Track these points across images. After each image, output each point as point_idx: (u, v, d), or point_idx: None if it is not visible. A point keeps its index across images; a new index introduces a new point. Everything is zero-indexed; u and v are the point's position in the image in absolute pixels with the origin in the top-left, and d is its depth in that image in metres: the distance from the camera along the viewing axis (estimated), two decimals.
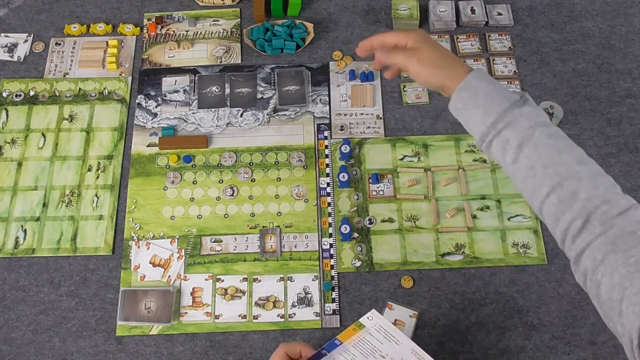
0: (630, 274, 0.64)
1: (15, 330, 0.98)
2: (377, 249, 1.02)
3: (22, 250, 1.04)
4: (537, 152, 0.73)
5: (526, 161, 0.74)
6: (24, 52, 1.21)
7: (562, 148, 0.74)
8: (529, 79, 1.15)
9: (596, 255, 0.68)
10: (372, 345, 0.77)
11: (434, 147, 1.09)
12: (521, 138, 0.74)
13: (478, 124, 0.78)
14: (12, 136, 1.13)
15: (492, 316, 0.97)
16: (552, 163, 0.72)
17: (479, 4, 1.21)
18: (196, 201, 1.07)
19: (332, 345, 0.77)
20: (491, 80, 0.80)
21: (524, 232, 1.02)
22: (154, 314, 0.97)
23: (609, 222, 0.68)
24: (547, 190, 0.72)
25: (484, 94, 0.78)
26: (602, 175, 0.73)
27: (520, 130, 0.75)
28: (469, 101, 0.79)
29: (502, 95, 0.77)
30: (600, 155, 1.08)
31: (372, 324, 0.77)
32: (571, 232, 0.71)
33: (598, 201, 0.69)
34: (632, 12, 1.22)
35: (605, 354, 0.94)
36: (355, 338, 0.77)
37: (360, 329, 0.77)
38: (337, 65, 1.17)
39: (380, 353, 0.76)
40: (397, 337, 0.77)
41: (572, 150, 0.74)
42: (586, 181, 0.71)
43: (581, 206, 0.70)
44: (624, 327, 0.64)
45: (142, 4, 1.26)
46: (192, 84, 1.17)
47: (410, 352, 0.76)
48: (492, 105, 0.77)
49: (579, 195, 0.70)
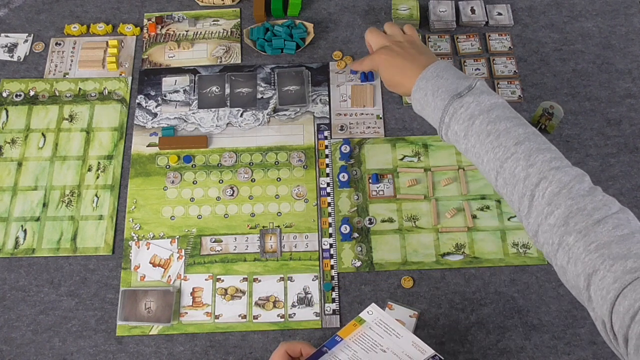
0: (593, 260, 0.65)
1: (15, 330, 0.98)
2: (377, 249, 1.02)
3: (22, 250, 1.04)
4: (479, 141, 0.77)
5: (473, 150, 0.79)
6: (24, 52, 1.21)
7: (502, 131, 0.76)
8: (529, 79, 1.15)
9: (553, 239, 0.69)
10: (373, 339, 0.77)
11: (434, 147, 1.09)
12: (465, 129, 0.79)
13: (433, 121, 0.85)
14: (12, 136, 1.13)
15: (492, 316, 0.97)
16: (492, 148, 0.76)
17: (479, 4, 1.21)
18: (196, 201, 1.07)
19: (332, 342, 0.77)
20: (440, 75, 0.85)
21: (524, 232, 1.02)
22: (154, 314, 0.97)
23: (555, 201, 0.69)
24: (494, 175, 0.76)
25: (431, 92, 0.84)
26: (539, 151, 0.73)
27: (462, 121, 0.79)
28: (422, 102, 0.86)
29: (446, 89, 0.82)
30: (600, 155, 1.08)
31: (372, 318, 0.77)
32: (522, 211, 0.73)
33: (535, 179, 0.71)
34: (632, 12, 1.22)
35: (605, 354, 0.94)
36: (356, 333, 0.77)
37: (360, 324, 0.77)
38: (337, 65, 1.17)
39: (381, 347, 0.76)
40: (398, 331, 0.77)
41: (511, 132, 0.76)
42: (522, 161, 0.73)
43: (522, 186, 0.72)
44: (594, 311, 0.66)
45: (142, 4, 1.26)
46: (192, 84, 1.17)
47: (411, 345, 0.76)
48: (437, 100, 0.83)
49: (519, 175, 0.73)
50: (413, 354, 0.76)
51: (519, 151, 0.74)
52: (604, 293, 0.64)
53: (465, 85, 0.81)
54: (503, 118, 0.77)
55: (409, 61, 0.90)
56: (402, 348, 0.76)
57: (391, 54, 0.92)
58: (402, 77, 0.90)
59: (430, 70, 0.86)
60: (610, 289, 0.63)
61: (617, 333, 0.62)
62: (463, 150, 0.82)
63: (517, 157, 0.74)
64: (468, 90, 0.81)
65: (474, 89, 0.81)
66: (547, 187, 0.70)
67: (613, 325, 0.63)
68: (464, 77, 0.84)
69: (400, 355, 0.76)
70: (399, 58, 0.91)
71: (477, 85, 0.81)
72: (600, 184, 1.05)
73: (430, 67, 0.86)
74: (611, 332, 0.63)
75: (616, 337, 0.63)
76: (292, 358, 0.79)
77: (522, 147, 0.74)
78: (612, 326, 0.63)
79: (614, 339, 0.63)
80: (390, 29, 0.99)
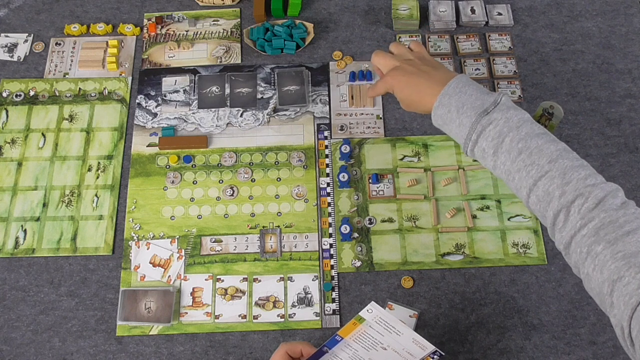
0: (619, 267, 0.66)
1: (15, 330, 0.98)
2: (377, 249, 1.02)
3: (22, 250, 1.04)
4: (510, 159, 0.77)
5: (503, 167, 0.78)
6: (24, 52, 1.21)
7: (534, 149, 0.76)
8: (529, 79, 1.15)
9: (582, 248, 0.70)
10: (373, 338, 0.77)
11: (434, 147, 1.09)
12: (494, 147, 0.78)
13: (457, 137, 0.83)
14: (12, 136, 1.13)
15: (492, 316, 0.97)
16: (524, 166, 0.76)
17: (479, 4, 1.21)
18: (196, 201, 1.07)
19: (333, 342, 0.77)
20: (463, 91, 0.83)
21: (524, 232, 1.02)
22: (154, 314, 0.97)
23: (588, 216, 0.70)
24: (527, 192, 0.76)
25: (455, 109, 0.82)
26: (574, 168, 0.74)
27: (491, 139, 0.78)
28: (445, 118, 0.84)
29: (471, 105, 0.81)
30: (600, 155, 1.08)
31: (372, 317, 0.77)
32: (556, 226, 0.74)
33: (571, 196, 0.72)
34: (632, 12, 1.22)
35: (605, 354, 0.94)
36: (356, 332, 0.77)
37: (360, 322, 0.77)
38: (337, 65, 1.17)
39: (381, 345, 0.76)
40: (398, 328, 0.76)
41: (543, 150, 0.76)
42: (558, 179, 0.73)
43: (558, 203, 0.73)
44: (615, 317, 0.66)
45: (142, 4, 1.26)
46: (192, 84, 1.17)
47: (412, 342, 0.76)
48: (463, 117, 0.81)
49: (554, 193, 0.73)
50: (414, 351, 0.76)
51: (553, 169, 0.74)
52: (627, 299, 0.64)
53: (490, 101, 0.80)
54: (533, 135, 0.77)
55: (425, 78, 0.88)
56: (402, 345, 0.76)
57: (404, 74, 0.90)
58: (421, 96, 0.87)
59: (452, 86, 0.84)
60: (633, 295, 0.63)
61: (635, 339, 0.62)
62: (491, 167, 0.81)
63: (551, 176, 0.74)
64: (494, 106, 0.79)
65: (500, 105, 0.80)
66: (584, 204, 0.71)
67: (632, 330, 0.63)
68: (488, 92, 0.83)
69: (400, 352, 0.76)
70: (413, 77, 0.89)
71: (502, 101, 0.80)
72: None
73: (451, 83, 0.84)
74: (629, 338, 0.64)
75: (633, 343, 0.63)
76: (292, 358, 0.79)
77: (557, 165, 0.74)
78: (631, 332, 0.63)
79: (631, 345, 0.64)
80: (396, 48, 0.96)
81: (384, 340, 0.76)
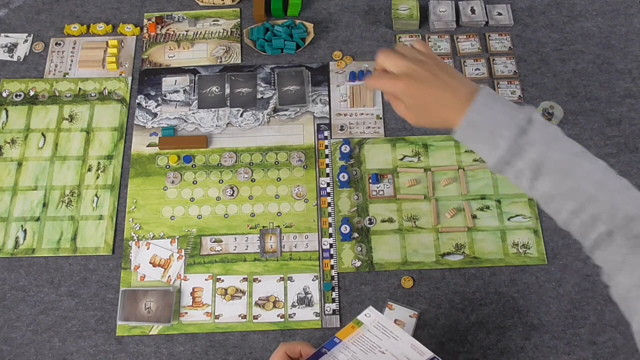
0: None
1: (15, 330, 0.98)
2: (377, 249, 1.02)
3: (22, 250, 1.04)
4: (551, 181, 0.72)
5: (542, 189, 0.73)
6: (24, 52, 1.21)
7: (577, 172, 0.72)
8: (529, 79, 1.15)
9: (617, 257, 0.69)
10: (372, 341, 0.77)
11: (434, 147, 1.09)
12: (533, 168, 0.72)
13: (487, 156, 0.76)
14: (12, 136, 1.13)
15: (492, 316, 0.97)
16: (568, 191, 0.72)
17: (479, 4, 1.21)
18: (196, 201, 1.07)
19: (331, 344, 0.78)
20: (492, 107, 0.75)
21: (524, 232, 1.02)
22: (154, 314, 0.97)
23: (633, 239, 0.69)
24: (568, 214, 0.72)
25: (488, 129, 0.74)
26: (620, 191, 0.72)
27: (530, 160, 0.72)
28: (473, 137, 0.76)
29: (506, 125, 0.73)
30: (600, 155, 1.07)
31: (369, 321, 0.77)
32: (599, 247, 0.71)
33: (620, 220, 0.70)
34: (632, 12, 1.22)
35: (605, 354, 0.94)
36: (354, 335, 0.77)
37: (358, 326, 0.77)
38: (337, 65, 1.17)
39: (379, 349, 0.76)
40: (396, 333, 0.77)
41: (587, 172, 0.73)
42: (605, 204, 0.71)
43: (604, 226, 0.70)
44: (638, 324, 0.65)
45: (142, 4, 1.26)
46: (192, 84, 1.17)
47: (410, 347, 0.76)
48: (497, 138, 0.73)
49: (601, 217, 0.70)
50: (412, 356, 0.76)
51: (600, 193, 0.71)
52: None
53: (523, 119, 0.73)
54: (573, 154, 0.74)
55: (444, 89, 0.77)
56: (400, 350, 0.76)
57: (419, 79, 0.78)
58: (439, 108, 0.77)
59: (479, 101, 0.75)
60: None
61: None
62: (526, 187, 0.75)
63: (597, 199, 0.71)
64: (529, 124, 0.73)
65: (535, 123, 0.73)
66: (634, 228, 0.69)
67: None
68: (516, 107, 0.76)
69: (399, 356, 0.76)
70: (430, 85, 0.77)
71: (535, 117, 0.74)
72: None
73: (478, 99, 0.75)
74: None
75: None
76: (291, 359, 0.79)
77: (603, 189, 0.72)
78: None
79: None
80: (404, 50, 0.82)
81: (382, 344, 0.77)
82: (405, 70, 0.79)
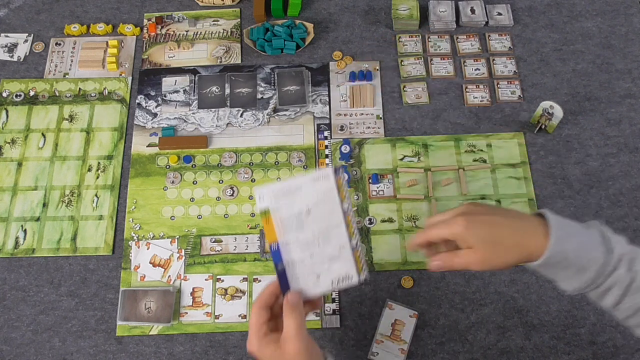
0: None
1: (15, 330, 0.98)
2: (377, 249, 1.02)
3: (22, 250, 1.04)
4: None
5: (631, 304, 0.71)
6: (24, 52, 1.21)
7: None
8: (529, 79, 1.15)
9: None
10: (291, 214, 0.74)
11: (434, 147, 1.09)
12: (624, 287, 0.70)
13: (570, 280, 0.71)
14: (12, 136, 1.13)
15: (492, 316, 0.97)
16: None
17: (479, 4, 1.21)
18: (196, 201, 1.07)
19: (275, 255, 0.74)
20: (569, 232, 0.70)
21: None
22: (154, 314, 0.97)
23: None
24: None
25: (573, 254, 0.69)
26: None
27: (621, 278, 0.69)
28: (558, 266, 0.70)
29: (589, 246, 0.70)
30: (600, 155, 1.08)
31: (269, 202, 0.73)
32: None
33: None
34: (632, 12, 1.22)
35: (605, 354, 0.94)
36: (277, 225, 0.74)
37: (267, 215, 0.73)
38: (337, 65, 1.17)
39: (304, 212, 0.74)
40: (294, 185, 0.73)
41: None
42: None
43: None
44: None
45: (142, 4, 1.26)
46: (192, 84, 1.17)
47: (314, 182, 0.73)
48: (585, 261, 0.69)
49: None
50: (324, 186, 0.73)
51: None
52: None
53: (597, 235, 0.71)
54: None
55: (508, 218, 0.71)
56: (314, 193, 0.73)
57: (481, 215, 0.71)
58: (515, 250, 0.69)
59: (556, 229, 0.69)
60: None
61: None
62: (609, 305, 0.72)
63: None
64: (607, 240, 0.70)
65: (612, 240, 0.70)
66: None
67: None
68: (585, 226, 0.72)
69: (320, 199, 0.73)
70: (495, 217, 0.71)
71: (606, 229, 0.71)
72: (600, 184, 1.06)
73: (553, 227, 0.69)
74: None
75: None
76: (271, 310, 0.74)
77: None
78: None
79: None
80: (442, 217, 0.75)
81: (298, 206, 0.74)
82: (458, 211, 0.73)
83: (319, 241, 0.74)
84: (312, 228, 0.74)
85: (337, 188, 0.74)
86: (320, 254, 0.74)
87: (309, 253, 0.74)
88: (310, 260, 0.74)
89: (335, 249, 0.74)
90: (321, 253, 0.74)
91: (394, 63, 1.17)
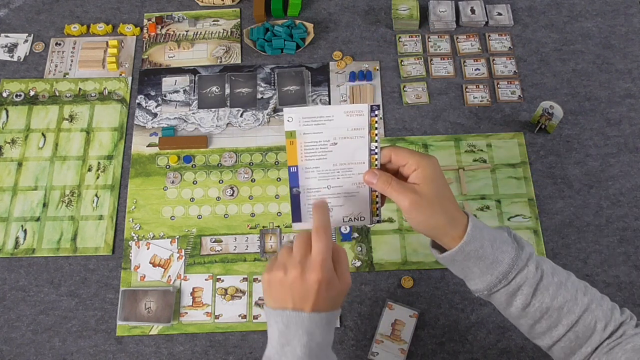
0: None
1: (15, 330, 0.98)
2: (377, 249, 1.02)
3: (22, 250, 1.04)
4: (549, 295, 0.73)
5: (539, 305, 0.73)
6: (24, 52, 1.21)
7: (566, 283, 0.74)
8: (529, 79, 1.15)
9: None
10: (317, 142, 0.72)
11: (434, 147, 1.09)
12: (534, 284, 0.73)
13: (483, 275, 0.74)
14: (12, 136, 1.13)
15: (492, 316, 0.97)
16: (565, 302, 0.73)
17: (479, 4, 1.21)
18: (196, 201, 1.07)
19: (293, 178, 0.73)
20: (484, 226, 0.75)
21: (524, 232, 1.02)
22: (154, 314, 0.97)
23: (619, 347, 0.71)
24: (565, 330, 0.73)
25: (488, 243, 0.73)
26: (602, 297, 0.75)
27: (531, 275, 0.73)
28: (473, 255, 0.73)
29: (502, 239, 0.74)
30: (600, 155, 1.08)
31: (297, 123, 0.72)
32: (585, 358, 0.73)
33: (612, 327, 0.72)
34: (632, 12, 1.22)
35: None
36: (301, 150, 0.72)
37: (294, 137, 0.72)
38: (337, 65, 1.17)
39: (330, 142, 0.72)
40: (326, 114, 0.72)
41: (573, 282, 0.75)
42: (598, 312, 0.73)
43: (598, 337, 0.72)
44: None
45: (142, 4, 1.26)
46: (192, 84, 1.17)
47: (347, 116, 0.72)
48: (498, 253, 0.73)
49: (596, 327, 0.72)
50: (356, 123, 0.72)
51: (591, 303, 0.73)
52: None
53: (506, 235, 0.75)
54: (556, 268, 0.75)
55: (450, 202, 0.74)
56: (345, 126, 0.72)
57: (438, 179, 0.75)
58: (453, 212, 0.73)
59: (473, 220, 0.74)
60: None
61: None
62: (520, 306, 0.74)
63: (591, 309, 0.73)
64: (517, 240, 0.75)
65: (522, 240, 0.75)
66: (618, 335, 0.72)
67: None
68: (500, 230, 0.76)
69: (349, 133, 0.72)
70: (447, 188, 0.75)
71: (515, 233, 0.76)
72: (600, 184, 1.06)
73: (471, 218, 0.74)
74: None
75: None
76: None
77: (590, 298, 0.74)
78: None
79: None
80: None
81: (326, 135, 0.72)
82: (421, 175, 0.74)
83: (339, 174, 0.73)
84: (334, 160, 0.73)
85: (369, 126, 0.73)
86: (338, 188, 0.73)
87: (327, 184, 0.73)
88: (327, 191, 0.73)
89: (354, 186, 0.73)
90: (339, 187, 0.73)
91: (394, 63, 1.17)
